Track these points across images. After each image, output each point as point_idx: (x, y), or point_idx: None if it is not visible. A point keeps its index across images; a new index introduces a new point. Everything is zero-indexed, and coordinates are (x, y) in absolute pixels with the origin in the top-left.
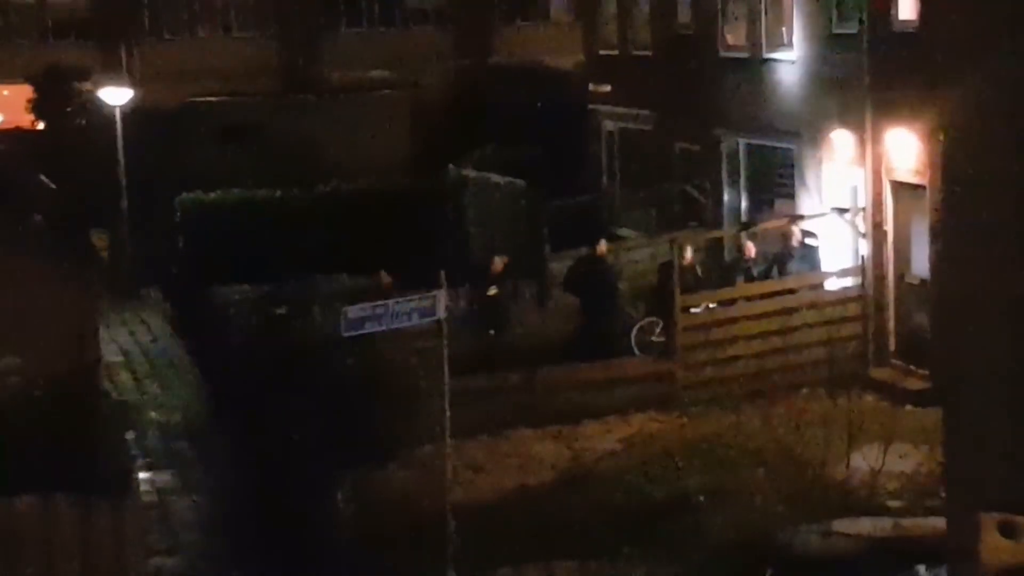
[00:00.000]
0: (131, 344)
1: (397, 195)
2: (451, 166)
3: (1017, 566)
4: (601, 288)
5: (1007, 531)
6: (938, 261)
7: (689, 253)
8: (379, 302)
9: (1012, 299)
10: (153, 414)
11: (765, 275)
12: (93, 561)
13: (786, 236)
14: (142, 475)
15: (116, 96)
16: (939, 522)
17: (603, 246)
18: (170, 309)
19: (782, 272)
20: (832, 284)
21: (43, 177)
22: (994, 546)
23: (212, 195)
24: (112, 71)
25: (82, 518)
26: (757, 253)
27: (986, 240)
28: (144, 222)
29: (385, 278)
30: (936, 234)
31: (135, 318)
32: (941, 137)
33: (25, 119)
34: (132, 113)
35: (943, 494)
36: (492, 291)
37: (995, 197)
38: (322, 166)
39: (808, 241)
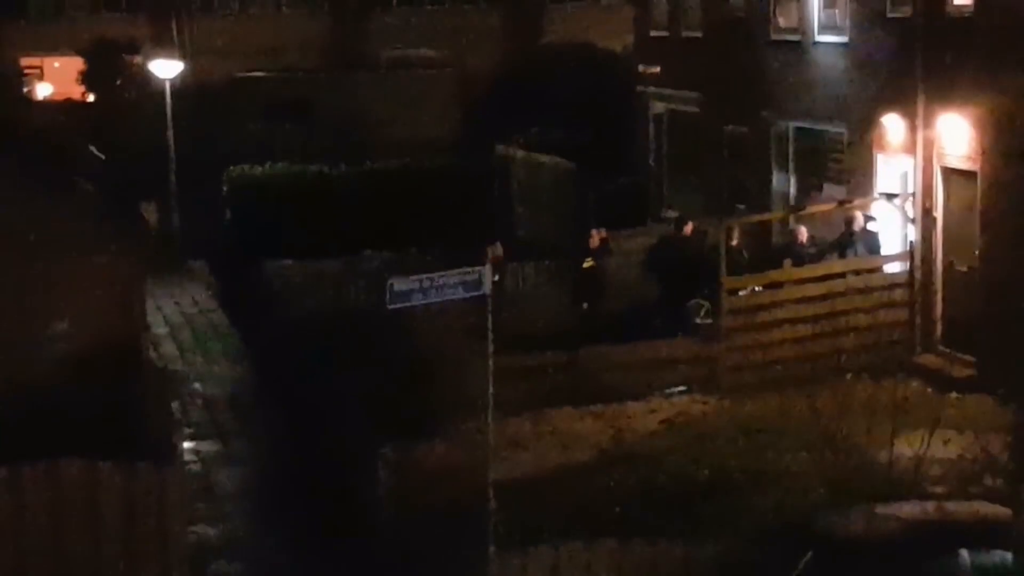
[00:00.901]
0: (177, 315)
1: (444, 173)
2: (498, 145)
3: None
4: (687, 269)
5: None
6: (988, 248)
7: (736, 236)
8: (424, 275)
9: None
10: (197, 385)
11: (819, 260)
12: (136, 527)
13: (848, 221)
14: (186, 444)
15: (166, 69)
16: (983, 507)
17: (690, 226)
18: (216, 282)
19: (842, 257)
20: (880, 269)
21: (93, 148)
22: None
23: (260, 169)
24: (162, 44)
25: (126, 485)
26: (809, 237)
27: None
28: (192, 195)
29: (496, 250)
30: (986, 221)
31: (181, 290)
32: (985, 123)
33: (76, 91)
34: (182, 87)
35: (987, 481)
36: (588, 263)
37: None
38: (370, 142)
39: (870, 227)
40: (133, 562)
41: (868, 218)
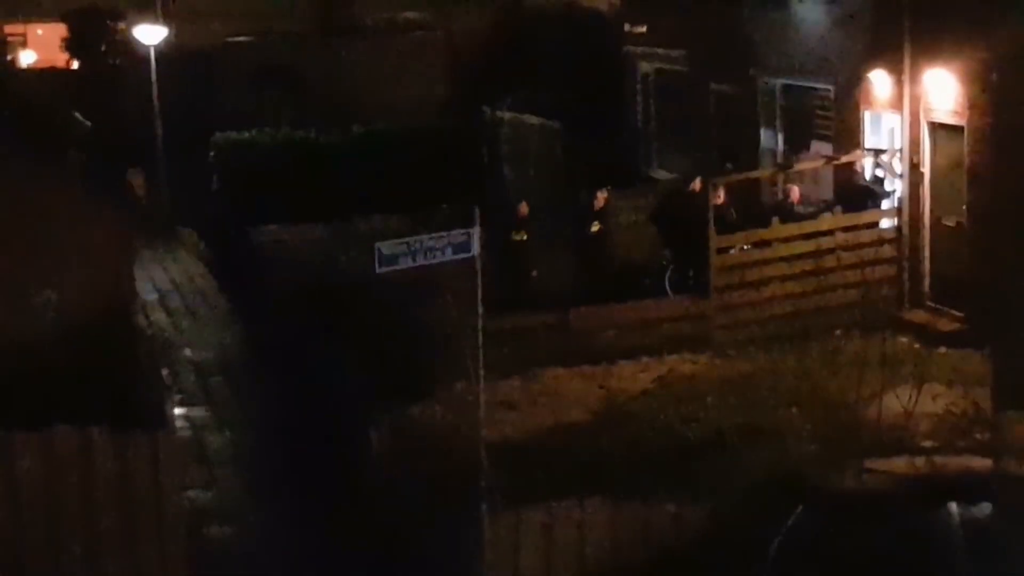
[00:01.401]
0: (166, 282)
1: (431, 136)
2: (486, 107)
3: None
4: (694, 223)
5: None
6: (975, 203)
7: (722, 193)
8: (413, 237)
9: None
10: (188, 351)
11: (813, 218)
12: (129, 493)
13: (851, 175)
14: (177, 410)
15: (150, 35)
16: (972, 461)
17: (698, 183)
18: (205, 248)
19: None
20: (868, 225)
21: (78, 115)
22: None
23: (247, 135)
24: (146, 10)
25: (118, 451)
26: (802, 195)
27: (1017, 181)
28: (179, 162)
29: (698, 183)
30: (973, 175)
31: (170, 257)
32: (993, 77)
33: (60, 58)
34: (167, 53)
35: (976, 435)
36: (595, 227)
37: None
38: (357, 107)
39: (871, 183)
40: (127, 528)
41: (876, 175)
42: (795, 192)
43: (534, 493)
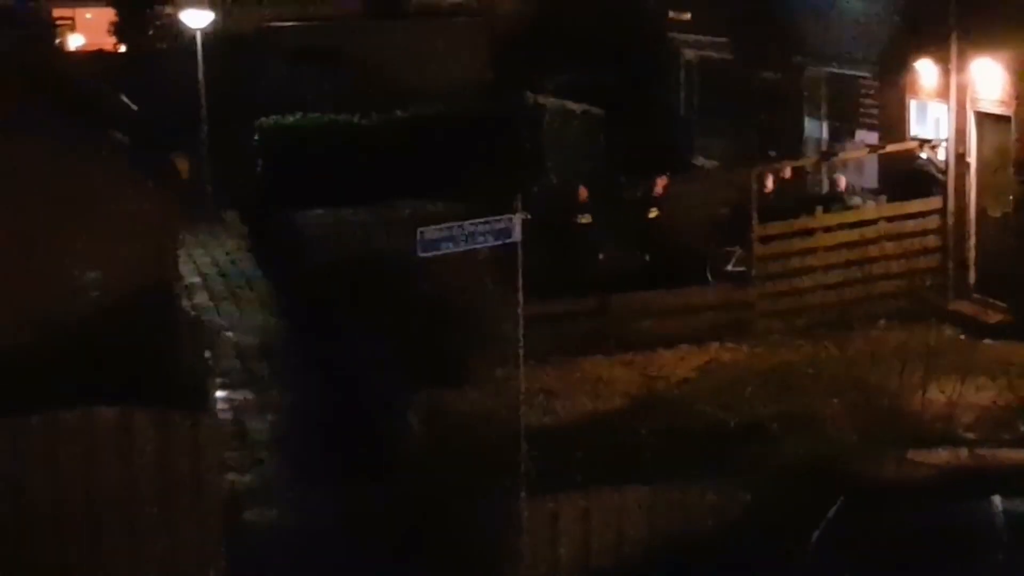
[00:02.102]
0: (209, 266)
1: (474, 120)
2: (528, 93)
3: None
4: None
5: None
6: (1022, 194)
7: (770, 182)
8: (455, 223)
9: None
10: (230, 334)
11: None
12: (170, 474)
13: (896, 164)
14: (219, 393)
15: (197, 19)
16: (1016, 453)
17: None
18: (248, 232)
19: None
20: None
21: (124, 99)
22: None
23: (291, 119)
24: None
25: (160, 432)
26: (848, 185)
27: None
28: (224, 145)
29: (663, 182)
30: (1021, 166)
31: (214, 240)
32: (1019, 67)
33: (107, 42)
34: (213, 36)
35: (1020, 427)
36: (653, 213)
37: None
38: (401, 91)
39: (917, 173)
40: (167, 509)
41: (925, 164)
42: (842, 180)
43: (573, 479)
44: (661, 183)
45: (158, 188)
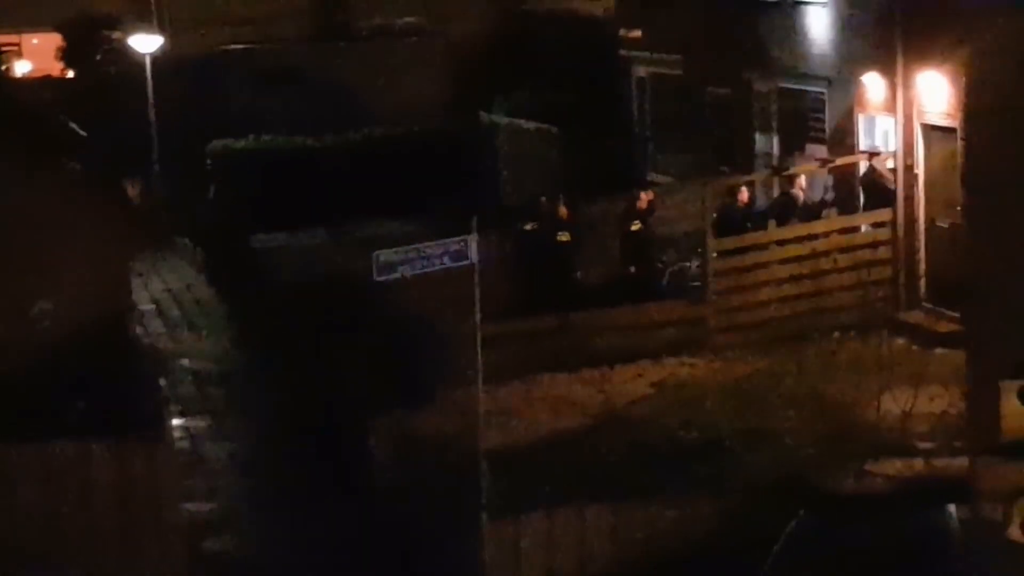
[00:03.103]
0: (163, 292)
1: (429, 141)
2: (483, 112)
3: None
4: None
5: None
6: (967, 203)
7: (744, 195)
8: (411, 245)
9: None
10: (185, 361)
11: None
12: (128, 505)
13: (845, 177)
14: (176, 421)
15: (146, 44)
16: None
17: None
18: (202, 257)
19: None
20: (864, 227)
21: (74, 125)
22: (1013, 413)
23: (243, 143)
24: (142, 19)
25: (117, 463)
26: (806, 197)
27: (1010, 181)
28: (176, 170)
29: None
30: (966, 176)
31: (167, 266)
32: (964, 80)
33: (55, 67)
34: (163, 61)
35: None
36: (635, 226)
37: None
38: (354, 113)
39: (866, 186)
40: (127, 540)
41: (873, 173)
42: (800, 192)
43: (534, 499)
44: (645, 198)
45: (108, 215)
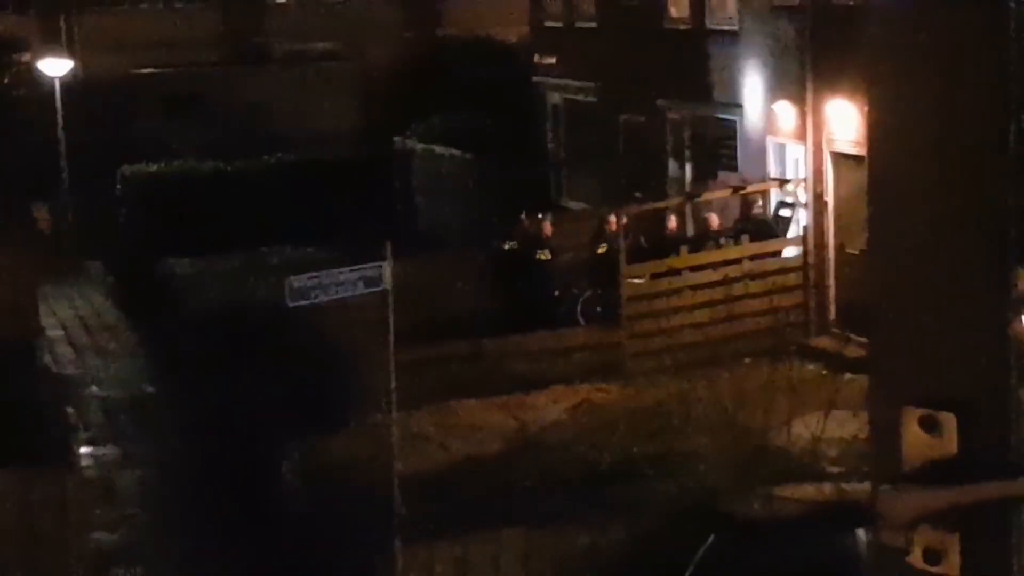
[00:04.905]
0: (72, 318)
1: (343, 166)
2: (397, 138)
3: (937, 460)
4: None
5: (928, 425)
6: (871, 228)
7: (673, 221)
8: (324, 271)
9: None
10: (94, 388)
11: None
12: (34, 535)
13: (749, 205)
14: (84, 449)
15: (55, 67)
16: None
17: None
18: (112, 282)
19: (757, 240)
20: (775, 254)
21: None
22: (915, 440)
23: (154, 167)
24: (51, 42)
25: (23, 492)
26: (721, 224)
27: (912, 210)
28: (86, 195)
29: (624, 214)
30: (870, 201)
31: (76, 291)
32: (866, 108)
33: None
34: (73, 84)
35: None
36: (602, 249)
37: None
38: (267, 137)
39: (782, 212)
40: (33, 570)
41: (781, 204)
42: (714, 219)
43: (448, 525)
44: (615, 219)
45: (15, 239)
